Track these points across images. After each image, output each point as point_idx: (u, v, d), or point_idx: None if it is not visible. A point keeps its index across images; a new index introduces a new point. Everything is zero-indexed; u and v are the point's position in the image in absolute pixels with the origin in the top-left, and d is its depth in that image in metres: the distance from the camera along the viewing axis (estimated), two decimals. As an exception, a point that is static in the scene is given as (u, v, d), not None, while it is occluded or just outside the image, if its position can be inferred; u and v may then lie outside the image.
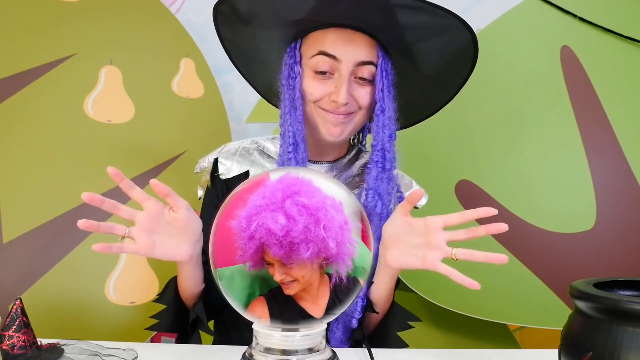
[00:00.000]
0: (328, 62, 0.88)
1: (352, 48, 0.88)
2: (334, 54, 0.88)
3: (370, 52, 0.89)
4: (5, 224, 1.32)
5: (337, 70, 0.89)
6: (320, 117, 0.92)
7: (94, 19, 1.48)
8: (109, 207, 0.75)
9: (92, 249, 0.71)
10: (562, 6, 1.46)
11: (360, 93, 0.90)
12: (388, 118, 0.91)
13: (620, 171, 1.39)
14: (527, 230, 1.37)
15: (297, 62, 0.92)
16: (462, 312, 1.37)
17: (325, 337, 0.63)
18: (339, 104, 0.88)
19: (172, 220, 0.77)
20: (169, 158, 1.44)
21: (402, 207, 0.79)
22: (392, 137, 0.93)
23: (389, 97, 0.91)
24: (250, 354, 0.60)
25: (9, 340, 0.68)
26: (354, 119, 0.93)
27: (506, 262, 0.72)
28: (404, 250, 0.79)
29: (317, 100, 0.91)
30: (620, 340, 0.52)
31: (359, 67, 0.89)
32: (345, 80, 0.88)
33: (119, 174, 0.75)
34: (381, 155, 0.91)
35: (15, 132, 1.38)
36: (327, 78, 0.90)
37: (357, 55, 0.88)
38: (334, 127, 0.91)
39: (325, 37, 0.89)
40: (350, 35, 0.89)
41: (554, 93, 1.45)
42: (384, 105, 0.90)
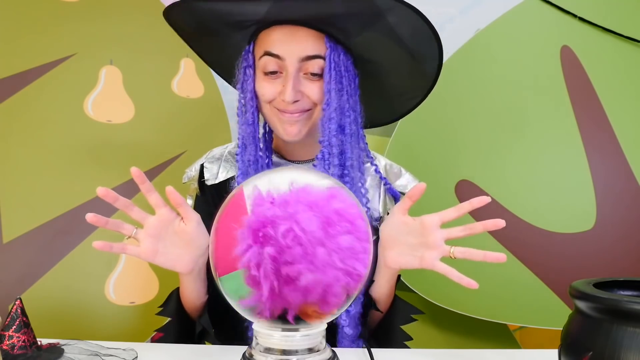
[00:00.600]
0: (273, 61, 0.87)
1: (295, 44, 0.86)
2: (277, 53, 0.86)
3: (316, 45, 0.86)
4: (5, 224, 1.32)
5: (284, 68, 0.87)
6: (276, 118, 0.91)
7: (94, 19, 1.48)
8: (121, 205, 0.75)
9: (93, 245, 0.71)
10: (562, 6, 1.46)
11: (311, 89, 0.88)
12: (334, 110, 0.87)
13: (620, 171, 1.39)
14: (527, 230, 1.37)
15: (250, 65, 0.91)
16: (462, 312, 1.37)
17: (325, 337, 0.63)
18: (287, 102, 0.86)
19: (180, 231, 0.77)
20: (169, 158, 1.44)
21: (401, 205, 0.78)
22: (344, 129, 0.89)
23: (336, 89, 0.87)
24: (250, 354, 0.60)
25: (9, 340, 0.68)
26: (311, 116, 0.90)
27: (505, 261, 0.72)
28: (402, 251, 0.79)
29: (270, 100, 0.90)
30: (620, 340, 0.52)
31: (306, 62, 0.86)
32: (291, 78, 0.86)
33: (142, 176, 0.75)
34: (327, 152, 0.88)
35: (15, 132, 1.38)
36: (276, 77, 0.89)
37: (301, 51, 0.86)
38: (290, 127, 0.90)
39: (269, 36, 0.88)
40: (293, 30, 0.86)
41: (554, 93, 1.45)
42: (330, 98, 0.87)
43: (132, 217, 0.76)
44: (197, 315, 0.90)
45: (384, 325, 0.92)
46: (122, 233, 0.74)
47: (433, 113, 1.49)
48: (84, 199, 1.36)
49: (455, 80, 1.49)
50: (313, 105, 0.90)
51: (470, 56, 1.50)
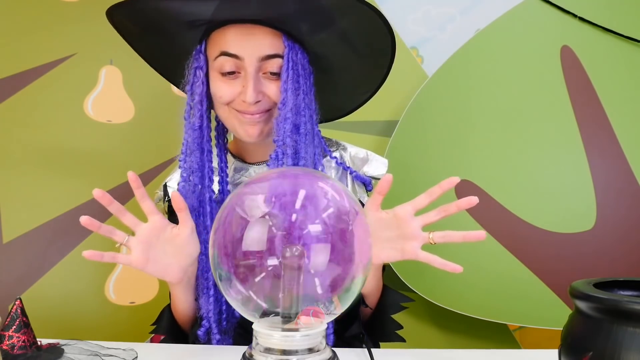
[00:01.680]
0: (231, 61, 0.84)
1: (253, 43, 0.83)
2: (235, 53, 0.83)
3: (274, 44, 0.84)
4: (5, 224, 1.32)
5: (243, 68, 0.84)
6: (236, 119, 0.88)
7: (94, 19, 1.48)
8: (114, 209, 0.75)
9: (83, 255, 0.71)
10: (562, 6, 1.46)
11: (271, 88, 0.85)
12: (290, 110, 0.84)
13: (620, 171, 1.39)
14: (527, 230, 1.37)
15: (201, 67, 0.87)
16: (462, 312, 1.37)
17: (325, 337, 0.63)
18: (248, 103, 0.84)
19: (174, 236, 0.78)
20: (169, 158, 1.44)
21: (372, 201, 0.77)
22: (299, 128, 0.86)
23: (293, 88, 0.84)
24: (250, 354, 0.60)
25: (9, 340, 0.68)
26: (271, 116, 0.88)
27: (484, 239, 0.72)
28: (381, 246, 0.77)
29: (229, 102, 0.87)
30: (620, 340, 0.52)
31: (265, 61, 0.84)
32: (251, 78, 0.83)
33: (138, 180, 0.75)
34: (281, 152, 0.85)
35: (15, 132, 1.38)
36: (234, 78, 0.86)
37: (260, 50, 0.83)
38: (252, 128, 0.87)
39: (224, 35, 0.84)
40: (250, 30, 0.83)
41: (554, 93, 1.44)
42: (286, 98, 0.84)
43: (124, 223, 0.76)
44: (190, 326, 0.90)
45: (376, 317, 0.92)
46: (114, 239, 0.74)
47: (433, 113, 1.49)
48: (84, 199, 1.36)
49: (455, 80, 1.49)
50: (273, 104, 0.87)
51: (470, 56, 1.50)
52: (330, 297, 0.64)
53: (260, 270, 0.61)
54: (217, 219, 0.65)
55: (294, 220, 0.62)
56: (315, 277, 0.62)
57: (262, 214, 0.63)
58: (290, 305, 0.61)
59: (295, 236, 0.61)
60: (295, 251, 0.59)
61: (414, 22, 1.71)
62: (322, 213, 0.63)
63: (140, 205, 0.76)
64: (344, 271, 0.62)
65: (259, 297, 0.63)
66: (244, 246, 0.61)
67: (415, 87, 1.50)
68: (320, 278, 0.62)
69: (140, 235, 0.75)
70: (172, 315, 0.90)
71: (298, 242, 0.60)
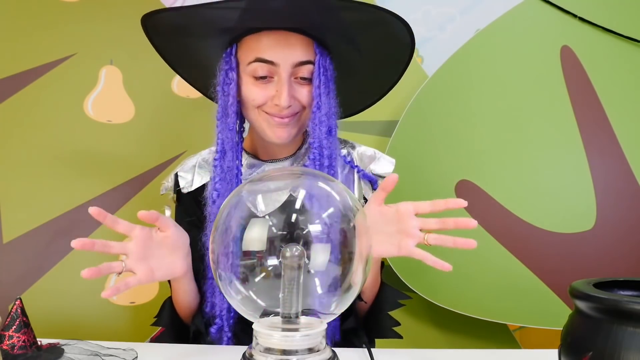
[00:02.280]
0: (266, 67, 0.87)
1: (288, 50, 0.87)
2: (270, 59, 0.86)
3: (307, 51, 0.88)
4: (5, 224, 1.32)
5: (276, 73, 0.88)
6: (265, 122, 0.91)
7: (94, 19, 1.48)
8: (100, 247, 0.75)
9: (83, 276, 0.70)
10: (562, 6, 1.46)
11: (301, 93, 0.90)
12: (325, 114, 0.89)
13: (620, 171, 1.39)
14: (527, 230, 1.37)
15: (233, 69, 0.90)
16: (462, 312, 1.37)
17: (325, 337, 0.63)
18: (281, 107, 0.87)
19: (163, 239, 0.80)
20: (169, 158, 1.44)
21: (376, 196, 0.81)
22: (332, 131, 0.91)
23: (325, 93, 0.89)
24: (250, 354, 0.60)
25: (9, 340, 0.68)
26: (300, 119, 0.92)
27: (474, 247, 0.74)
28: (381, 240, 0.80)
29: (260, 105, 0.90)
30: (620, 340, 0.52)
31: (298, 67, 0.88)
32: (285, 83, 0.87)
33: (102, 212, 0.74)
34: (319, 153, 0.90)
35: (15, 132, 1.38)
36: (267, 82, 0.89)
37: (294, 57, 0.87)
38: (281, 130, 0.91)
39: (259, 42, 0.87)
40: (285, 37, 0.87)
41: (554, 93, 1.44)
42: (320, 102, 0.88)
43: (119, 231, 0.77)
44: (191, 317, 0.92)
45: (373, 312, 0.94)
46: (114, 271, 0.75)
47: (433, 113, 1.49)
48: (84, 199, 1.36)
49: (455, 80, 1.49)
50: (302, 108, 0.91)
51: (470, 56, 1.50)
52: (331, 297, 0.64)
53: (260, 270, 0.62)
54: (217, 219, 0.65)
55: (294, 221, 0.62)
56: (316, 277, 0.62)
57: (262, 213, 0.63)
58: (290, 305, 0.61)
59: (295, 236, 0.61)
60: (295, 251, 0.59)
61: (414, 22, 1.70)
62: (323, 213, 0.63)
63: (116, 229, 0.77)
64: (343, 271, 0.63)
65: (259, 297, 0.63)
66: (244, 246, 0.61)
67: (415, 87, 1.50)
68: (320, 278, 0.62)
69: (133, 253, 0.77)
70: (174, 307, 0.92)
71: (298, 242, 0.60)
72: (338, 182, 0.69)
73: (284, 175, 0.72)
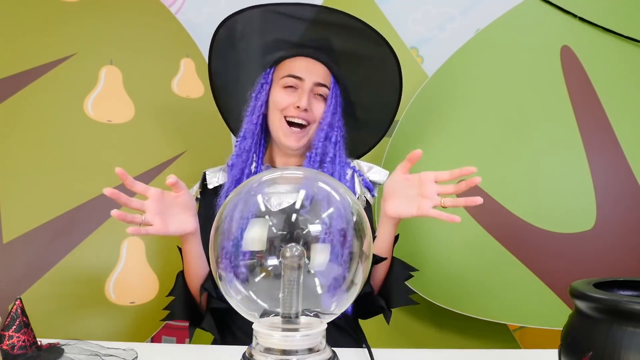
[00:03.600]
0: (294, 81, 1.15)
1: (312, 72, 1.15)
2: (299, 76, 1.15)
3: (325, 77, 1.17)
4: (5, 224, 1.32)
5: (301, 86, 1.15)
6: (281, 130, 1.14)
7: (94, 19, 1.48)
8: (124, 200, 0.85)
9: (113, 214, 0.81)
10: (562, 6, 1.47)
11: (316, 106, 1.16)
12: (327, 125, 1.15)
13: (620, 171, 1.39)
14: (527, 230, 1.37)
15: (268, 83, 1.18)
16: (462, 312, 1.37)
17: (325, 337, 0.63)
18: (301, 108, 1.12)
19: (174, 198, 0.91)
20: (169, 158, 1.44)
21: (402, 165, 0.95)
22: (331, 139, 1.15)
23: (332, 112, 1.16)
24: (250, 354, 0.60)
25: (9, 340, 0.68)
26: (309, 132, 1.16)
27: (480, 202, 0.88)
28: (401, 202, 0.95)
29: (284, 108, 1.14)
30: (620, 340, 0.52)
31: (317, 86, 1.15)
32: (306, 92, 1.14)
33: (124, 173, 0.87)
34: (314, 152, 1.14)
35: (15, 132, 1.38)
36: (292, 91, 1.15)
37: (316, 77, 1.15)
38: (294, 136, 1.14)
39: (293, 63, 1.17)
40: (313, 63, 1.17)
41: (554, 93, 1.45)
42: (327, 117, 1.15)
43: (133, 207, 0.87)
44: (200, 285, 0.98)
45: (388, 284, 1.03)
46: (135, 222, 0.85)
47: (433, 113, 1.49)
48: (84, 199, 1.36)
49: (455, 81, 1.49)
50: (313, 120, 1.15)
51: (470, 56, 1.50)
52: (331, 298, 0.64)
53: (260, 270, 0.62)
54: (217, 219, 0.65)
55: (294, 220, 0.62)
56: (316, 277, 0.62)
57: (262, 213, 0.63)
58: (290, 305, 0.61)
59: (295, 236, 0.61)
60: (295, 251, 0.59)
61: (414, 22, 1.71)
62: (323, 213, 0.63)
63: (134, 188, 0.88)
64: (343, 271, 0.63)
65: (259, 297, 0.63)
66: (244, 246, 0.61)
67: (415, 87, 1.50)
68: (320, 278, 0.62)
69: (151, 209, 0.87)
70: (185, 280, 1.00)
71: (298, 242, 0.60)
72: (339, 183, 0.69)
73: (286, 175, 0.72)
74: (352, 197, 0.67)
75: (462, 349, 0.85)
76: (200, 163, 1.36)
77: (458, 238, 1.39)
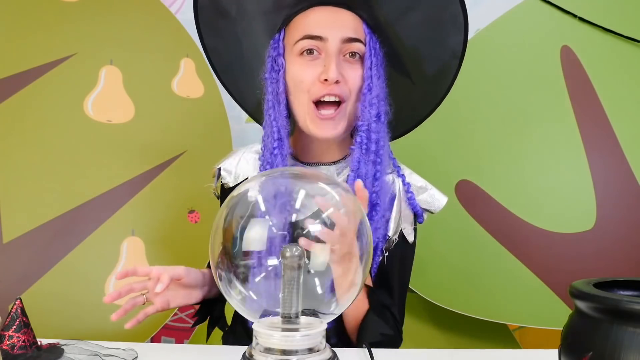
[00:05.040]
0: (313, 43, 0.84)
1: (337, 25, 0.84)
2: (319, 35, 0.83)
3: (356, 29, 0.85)
4: (5, 224, 1.32)
5: (324, 49, 0.84)
6: (310, 117, 0.86)
7: (94, 19, 1.48)
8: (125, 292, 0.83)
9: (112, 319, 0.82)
10: (562, 6, 1.46)
11: (350, 73, 0.85)
12: (376, 97, 0.85)
13: (620, 171, 1.39)
14: (527, 230, 1.37)
15: (281, 54, 0.87)
16: (462, 312, 1.37)
17: (325, 337, 0.63)
18: (330, 81, 0.82)
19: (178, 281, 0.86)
20: (169, 158, 1.44)
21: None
22: (381, 118, 0.87)
23: (377, 75, 0.86)
24: (250, 353, 0.60)
25: (9, 340, 0.68)
26: (346, 110, 0.87)
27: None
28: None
29: (309, 88, 0.85)
30: (620, 340, 0.52)
31: (347, 44, 0.85)
32: (334, 57, 0.83)
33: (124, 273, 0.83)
34: (366, 137, 0.86)
35: (15, 132, 1.38)
36: (314, 59, 0.85)
37: (343, 32, 0.84)
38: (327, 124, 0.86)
39: (307, 19, 0.85)
40: (334, 12, 0.85)
41: (554, 93, 1.44)
42: (371, 84, 0.85)
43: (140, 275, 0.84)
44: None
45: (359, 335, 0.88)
46: (138, 304, 0.84)
47: (433, 113, 1.49)
48: (84, 199, 1.36)
49: (456, 80, 1.49)
50: (348, 94, 0.86)
51: (470, 56, 1.49)
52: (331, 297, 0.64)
53: (260, 270, 0.62)
54: (217, 218, 0.64)
55: (293, 220, 0.62)
56: (316, 277, 0.62)
57: (261, 213, 0.63)
58: (290, 305, 0.60)
59: (295, 236, 0.61)
60: (295, 251, 0.59)
61: (414, 22, 1.70)
62: (322, 213, 0.63)
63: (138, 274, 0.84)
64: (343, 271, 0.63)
65: (259, 297, 0.63)
66: (244, 246, 0.61)
67: (415, 87, 1.50)
68: (320, 278, 0.62)
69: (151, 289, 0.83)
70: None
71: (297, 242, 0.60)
72: (339, 184, 0.69)
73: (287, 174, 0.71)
74: (352, 197, 0.67)
75: (462, 349, 0.85)
76: (200, 163, 1.36)
77: (458, 238, 1.39)
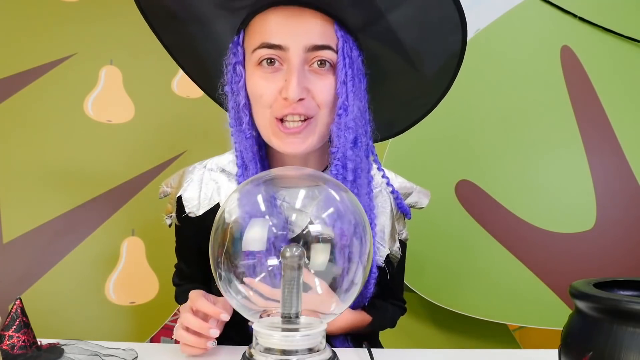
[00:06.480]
0: (272, 53, 0.71)
1: (300, 30, 0.70)
2: (278, 43, 0.70)
3: (325, 33, 0.71)
4: (5, 224, 1.32)
5: (286, 60, 0.71)
6: (272, 134, 0.75)
7: (94, 19, 1.48)
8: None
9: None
10: (562, 6, 1.46)
11: (317, 86, 0.72)
12: (352, 119, 0.72)
13: (620, 171, 1.39)
14: (527, 230, 1.37)
15: (240, 62, 0.75)
16: (462, 312, 1.37)
17: (325, 337, 0.63)
18: (290, 100, 0.70)
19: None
20: (169, 158, 1.44)
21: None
22: (357, 142, 0.74)
23: (352, 91, 0.72)
24: (250, 354, 0.60)
25: (9, 340, 0.68)
26: (316, 125, 0.74)
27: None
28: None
29: (270, 104, 0.73)
30: (620, 340, 0.52)
31: (312, 52, 0.70)
32: (295, 71, 0.69)
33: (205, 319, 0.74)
34: (342, 165, 0.74)
35: (15, 132, 1.38)
36: (275, 70, 0.72)
37: (306, 39, 0.70)
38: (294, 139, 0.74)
39: (266, 22, 0.71)
40: (297, 13, 0.70)
41: (554, 93, 1.44)
42: (347, 102, 0.72)
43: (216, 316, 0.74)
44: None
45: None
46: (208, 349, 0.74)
47: (433, 113, 1.49)
48: (84, 199, 1.36)
49: (455, 80, 1.49)
50: (316, 109, 0.74)
51: (470, 56, 1.49)
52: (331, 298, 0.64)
53: (260, 270, 0.61)
54: (217, 218, 0.64)
55: (293, 221, 0.62)
56: (316, 277, 0.62)
57: (261, 214, 0.63)
58: (290, 305, 0.61)
59: (295, 236, 0.61)
60: (295, 251, 0.59)
61: (414, 22, 1.70)
62: (323, 213, 0.63)
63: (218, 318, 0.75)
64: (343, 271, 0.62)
65: (259, 297, 0.63)
66: (244, 246, 0.61)
67: (415, 87, 1.50)
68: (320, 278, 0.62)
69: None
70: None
71: (298, 242, 0.60)
72: (339, 184, 0.69)
73: (287, 174, 0.71)
74: (352, 196, 0.67)
75: (462, 349, 0.85)
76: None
77: (458, 238, 1.39)
